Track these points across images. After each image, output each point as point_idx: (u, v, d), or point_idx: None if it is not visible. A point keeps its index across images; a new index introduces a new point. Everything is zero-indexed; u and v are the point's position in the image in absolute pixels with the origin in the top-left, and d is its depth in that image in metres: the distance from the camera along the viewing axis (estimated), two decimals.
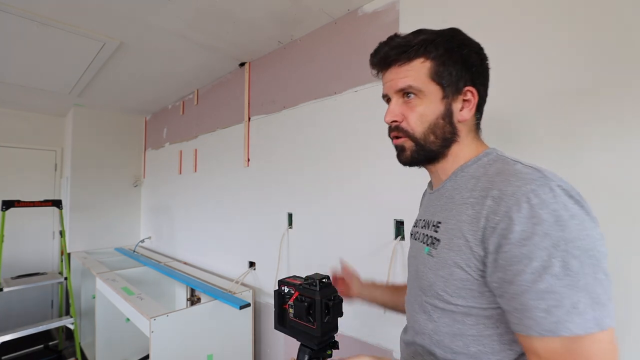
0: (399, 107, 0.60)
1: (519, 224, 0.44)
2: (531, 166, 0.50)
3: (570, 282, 0.41)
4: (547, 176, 0.46)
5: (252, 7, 1.42)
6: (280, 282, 0.75)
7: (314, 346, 0.66)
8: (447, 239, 0.55)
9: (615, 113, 0.79)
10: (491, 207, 0.48)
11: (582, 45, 0.84)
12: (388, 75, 0.61)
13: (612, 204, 0.78)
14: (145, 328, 1.43)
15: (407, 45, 0.58)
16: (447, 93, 0.57)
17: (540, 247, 0.42)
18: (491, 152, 0.59)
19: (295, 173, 1.67)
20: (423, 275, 0.59)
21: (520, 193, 0.45)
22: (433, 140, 0.58)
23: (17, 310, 2.95)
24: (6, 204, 2.26)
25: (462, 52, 0.57)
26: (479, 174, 0.55)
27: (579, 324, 0.40)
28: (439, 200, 0.62)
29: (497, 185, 0.49)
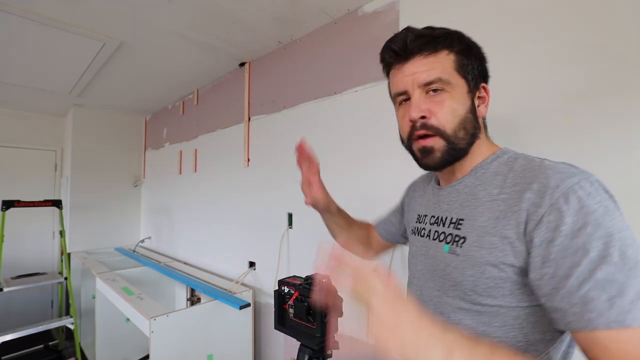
0: (427, 101, 0.55)
1: (570, 215, 0.42)
2: (562, 162, 0.49)
3: (629, 270, 0.39)
4: (585, 171, 0.46)
5: (252, 7, 1.42)
6: (280, 282, 0.75)
7: (314, 346, 0.66)
8: (476, 237, 0.52)
9: (621, 114, 0.79)
10: (532, 199, 0.46)
11: (586, 46, 0.84)
12: (409, 68, 0.56)
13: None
14: (145, 328, 1.43)
15: (431, 36, 0.54)
16: (472, 87, 0.56)
17: (595, 237, 0.40)
18: (508, 150, 0.57)
19: (296, 173, 1.67)
20: (445, 275, 0.56)
21: (565, 185, 0.44)
22: (463, 137, 0.55)
23: (17, 310, 2.95)
24: (6, 204, 2.26)
25: (474, 48, 0.57)
26: (504, 170, 0.53)
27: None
28: (456, 196, 0.59)
29: (537, 178, 0.47)
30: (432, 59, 0.54)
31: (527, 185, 0.47)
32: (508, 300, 0.49)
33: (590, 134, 0.82)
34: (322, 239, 1.56)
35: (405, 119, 0.58)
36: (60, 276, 2.53)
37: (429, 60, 0.54)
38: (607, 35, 0.81)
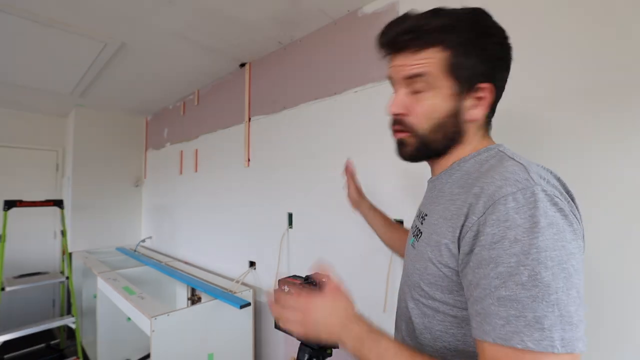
0: (405, 98, 0.54)
1: (491, 226, 0.42)
2: (521, 163, 0.46)
3: (537, 293, 0.38)
4: (533, 179, 0.43)
5: (253, 8, 1.43)
6: (280, 281, 0.75)
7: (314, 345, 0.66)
8: (427, 233, 0.55)
9: (624, 113, 0.79)
10: (471, 205, 0.46)
11: (592, 44, 0.84)
12: (397, 61, 0.54)
13: (619, 203, 0.78)
14: (146, 327, 1.43)
15: (421, 31, 0.50)
16: (461, 89, 0.51)
17: (508, 252, 0.40)
18: (493, 147, 0.54)
19: (296, 173, 1.68)
20: (406, 266, 0.62)
21: (499, 195, 0.42)
22: (437, 139, 0.54)
23: (19, 309, 2.96)
24: (8, 204, 2.27)
25: (484, 43, 0.51)
26: (473, 170, 0.52)
27: (536, 340, 0.37)
28: (431, 191, 0.61)
29: (480, 182, 0.46)
30: (419, 56, 0.51)
31: (472, 189, 0.47)
32: (447, 298, 0.51)
33: (592, 133, 0.82)
34: (323, 239, 1.57)
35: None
36: (62, 276, 2.55)
37: (415, 57, 0.52)
38: (611, 34, 0.81)
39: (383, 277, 1.25)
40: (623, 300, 0.76)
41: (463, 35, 0.50)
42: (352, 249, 1.40)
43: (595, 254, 0.79)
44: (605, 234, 0.79)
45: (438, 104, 0.52)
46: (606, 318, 0.78)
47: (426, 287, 0.53)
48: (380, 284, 1.26)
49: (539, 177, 0.44)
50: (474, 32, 0.50)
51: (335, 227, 1.47)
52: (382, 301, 1.24)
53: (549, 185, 0.43)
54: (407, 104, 0.54)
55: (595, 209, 0.80)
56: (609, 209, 0.78)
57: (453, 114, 0.53)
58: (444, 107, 0.52)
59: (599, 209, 0.80)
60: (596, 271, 0.79)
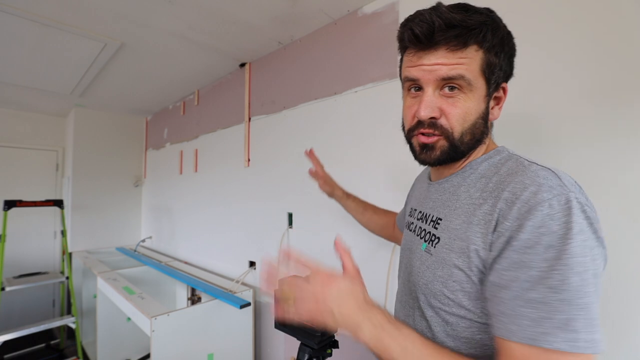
0: (436, 100, 0.50)
1: (527, 232, 0.42)
2: (549, 168, 0.45)
3: (567, 297, 0.39)
4: (566, 185, 0.43)
5: (253, 8, 1.43)
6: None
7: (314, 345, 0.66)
8: (448, 239, 0.52)
9: (630, 114, 0.79)
10: (502, 210, 0.45)
11: (597, 45, 0.85)
12: (430, 58, 0.49)
13: (621, 204, 0.79)
14: (146, 327, 1.44)
15: (464, 27, 0.47)
16: (491, 90, 0.51)
17: (542, 257, 0.40)
18: (502, 150, 0.54)
19: (296, 173, 1.68)
20: (420, 273, 0.57)
21: (535, 201, 0.42)
22: (468, 142, 0.52)
23: (19, 309, 2.96)
24: (8, 204, 2.27)
25: (510, 44, 0.51)
26: (490, 173, 0.51)
27: (565, 340, 0.38)
28: (441, 194, 0.58)
29: (511, 187, 0.45)
30: (460, 54, 0.48)
31: (502, 193, 0.46)
32: (474, 305, 0.49)
33: (600, 136, 0.83)
34: (323, 239, 1.57)
35: (411, 110, 0.54)
36: (62, 275, 2.55)
37: (455, 55, 0.48)
38: (616, 35, 0.81)
39: (383, 277, 1.25)
40: (622, 299, 0.76)
41: (497, 34, 0.49)
42: (352, 249, 1.39)
43: None
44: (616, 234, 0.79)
45: (473, 106, 0.50)
46: (605, 317, 0.78)
47: (451, 294, 0.51)
48: (380, 284, 1.26)
49: (570, 183, 0.44)
50: (502, 31, 0.50)
51: (335, 227, 1.47)
52: (383, 301, 1.24)
53: (579, 192, 0.43)
54: (439, 106, 0.50)
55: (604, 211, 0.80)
56: (609, 208, 0.78)
57: (483, 116, 0.52)
58: (478, 109, 0.51)
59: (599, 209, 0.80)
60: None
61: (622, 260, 0.76)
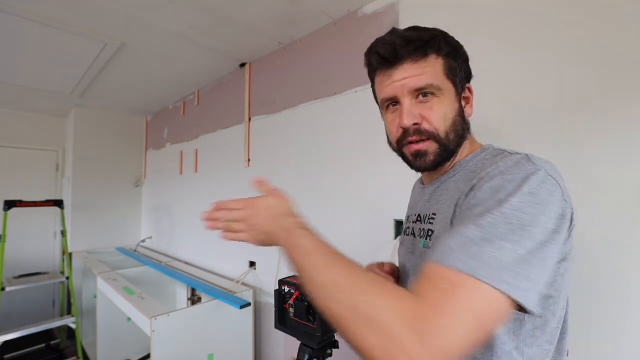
0: (413, 108, 0.55)
1: (489, 180, 0.46)
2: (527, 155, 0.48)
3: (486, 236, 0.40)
4: (535, 163, 0.46)
5: (253, 8, 1.43)
6: (281, 281, 0.75)
7: (314, 345, 0.66)
8: (440, 227, 0.54)
9: (618, 117, 0.79)
10: (474, 185, 0.48)
11: (584, 49, 0.84)
12: (399, 73, 0.55)
13: (614, 206, 0.78)
14: (146, 327, 1.43)
15: (420, 40, 0.53)
16: (459, 89, 0.57)
17: (492, 189, 0.44)
18: (488, 147, 0.58)
19: (296, 173, 1.68)
20: (417, 267, 0.58)
21: (502, 168, 0.46)
22: (453, 139, 0.56)
23: (19, 309, 2.96)
24: (8, 204, 2.27)
25: (463, 50, 0.58)
26: (476, 168, 0.54)
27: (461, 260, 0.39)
28: (435, 193, 0.60)
29: (486, 169, 0.49)
30: (422, 64, 0.54)
31: (477, 174, 0.50)
32: None
33: (589, 135, 0.82)
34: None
35: (394, 123, 0.58)
36: (62, 275, 2.55)
37: (419, 65, 0.54)
38: (610, 36, 0.81)
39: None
40: (623, 299, 0.76)
41: (449, 42, 0.56)
42: (353, 249, 1.39)
43: (595, 252, 0.79)
44: (607, 236, 0.79)
45: (449, 106, 0.55)
46: (606, 317, 0.78)
47: None
48: None
49: (543, 162, 0.47)
50: (453, 41, 0.57)
51: (335, 227, 1.47)
52: None
53: (552, 168, 0.46)
54: (419, 112, 0.55)
55: (597, 208, 0.80)
56: (610, 208, 0.78)
57: (460, 113, 0.57)
58: (453, 108, 0.56)
59: (600, 209, 0.80)
60: (596, 271, 0.79)
61: (622, 259, 0.76)
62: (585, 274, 0.80)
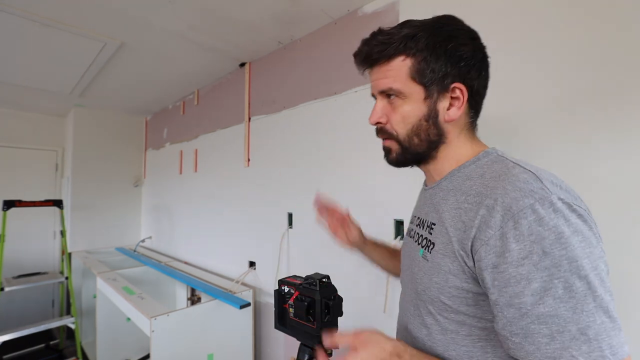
0: (383, 107, 0.57)
1: (516, 242, 0.41)
2: (531, 171, 0.45)
3: (575, 305, 0.38)
4: (547, 187, 0.42)
5: (253, 7, 1.43)
6: (281, 281, 0.75)
7: (314, 345, 0.66)
8: (441, 244, 0.52)
9: (620, 116, 0.79)
10: (484, 217, 0.45)
11: (590, 47, 0.84)
12: (372, 75, 0.58)
13: (615, 205, 0.78)
14: (146, 327, 1.43)
15: (386, 43, 0.53)
16: (431, 92, 0.53)
17: (539, 267, 0.39)
18: (491, 152, 0.55)
19: (296, 173, 1.68)
20: (418, 279, 0.57)
21: (517, 208, 0.42)
22: (417, 143, 0.56)
23: (18, 309, 2.96)
24: (7, 204, 2.27)
25: (447, 46, 0.52)
26: (476, 175, 0.51)
27: (585, 352, 0.37)
28: (433, 199, 0.59)
29: (493, 193, 0.45)
30: (386, 68, 0.55)
31: (485, 199, 0.46)
32: (473, 311, 0.49)
33: (591, 135, 0.82)
34: (323, 239, 1.56)
35: None
36: (61, 276, 2.54)
37: (384, 69, 0.55)
38: (612, 36, 0.81)
39: (383, 278, 1.25)
40: (623, 299, 0.76)
41: (423, 42, 0.52)
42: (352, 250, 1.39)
43: None
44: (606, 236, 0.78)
45: (411, 109, 0.54)
46: None
47: (448, 300, 0.51)
48: (381, 285, 1.26)
49: (552, 184, 0.43)
50: (437, 37, 0.53)
51: None
52: (383, 302, 1.24)
53: (563, 191, 0.43)
54: (384, 112, 0.57)
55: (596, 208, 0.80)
56: (612, 211, 0.78)
57: (428, 117, 0.54)
58: (418, 112, 0.54)
59: (600, 209, 0.79)
60: None
61: (622, 259, 0.76)
62: None
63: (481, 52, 0.55)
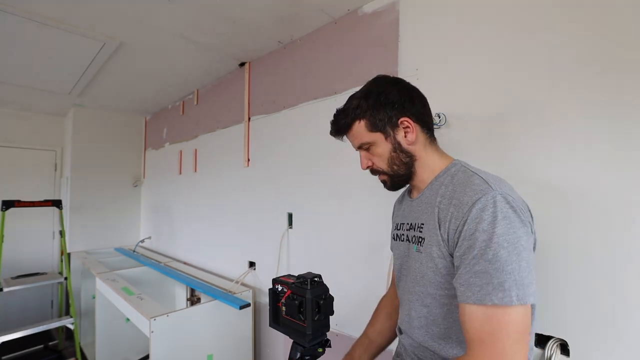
0: (365, 156, 0.78)
1: (469, 224, 0.60)
2: (483, 178, 0.63)
3: (498, 266, 0.55)
4: (493, 187, 0.61)
5: (252, 7, 1.42)
6: (275, 280, 0.76)
7: (305, 344, 0.67)
8: (429, 237, 0.69)
9: (613, 116, 0.79)
10: (453, 213, 0.64)
11: (588, 48, 0.84)
12: (348, 139, 0.80)
13: (611, 207, 0.78)
14: (145, 328, 1.43)
15: (344, 118, 0.76)
16: (387, 133, 0.73)
17: (479, 240, 0.58)
18: (457, 163, 0.73)
19: (295, 173, 1.67)
20: (416, 269, 0.72)
21: (471, 202, 0.61)
22: (397, 169, 0.75)
23: (17, 310, 2.95)
24: (6, 204, 2.26)
25: (380, 100, 0.72)
26: (447, 182, 0.70)
27: (500, 297, 0.54)
28: (420, 205, 0.75)
29: (457, 195, 0.65)
30: (352, 133, 0.77)
31: (452, 200, 0.65)
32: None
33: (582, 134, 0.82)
34: (323, 239, 1.56)
35: None
36: (60, 276, 2.54)
37: (351, 135, 0.78)
38: (611, 37, 0.81)
39: (384, 274, 1.25)
40: (622, 299, 0.76)
41: (366, 104, 0.74)
42: (353, 248, 1.39)
43: (596, 254, 0.79)
44: (603, 237, 0.78)
45: (381, 150, 0.75)
46: (606, 316, 0.78)
47: (441, 278, 0.67)
48: (381, 280, 1.26)
49: (496, 185, 0.62)
50: (371, 97, 0.74)
51: (335, 227, 1.47)
52: None
53: (505, 189, 0.62)
54: (368, 158, 0.78)
55: (596, 209, 0.79)
56: (608, 213, 0.78)
57: (395, 149, 0.74)
58: (386, 148, 0.75)
59: (601, 213, 0.79)
60: (600, 271, 0.79)
61: (621, 259, 0.76)
62: (582, 274, 0.80)
63: (406, 89, 0.75)
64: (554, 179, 0.87)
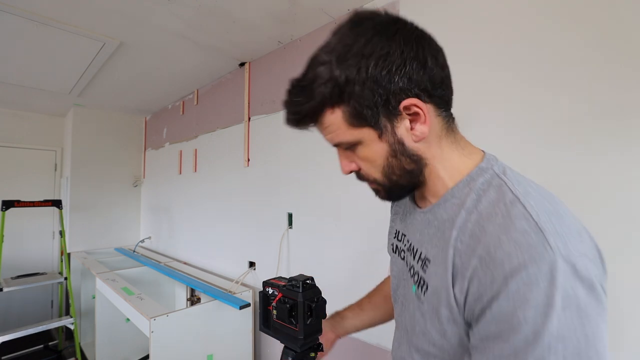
0: (346, 157, 0.51)
1: (502, 300, 0.36)
2: (532, 216, 0.37)
3: None
4: (551, 245, 0.35)
5: (252, 6, 1.42)
6: (265, 283, 0.74)
7: (297, 348, 0.65)
8: (434, 287, 0.46)
9: (619, 118, 0.79)
10: (477, 271, 0.39)
11: (590, 45, 0.84)
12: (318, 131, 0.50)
13: (617, 207, 0.78)
14: (145, 328, 1.43)
15: (306, 100, 0.45)
16: (382, 127, 0.45)
17: (518, 332, 0.34)
18: (487, 168, 0.45)
19: (296, 173, 1.67)
20: (416, 319, 0.51)
21: (510, 268, 0.36)
22: (397, 178, 0.48)
23: (17, 310, 2.95)
24: (6, 204, 2.26)
25: (367, 72, 0.41)
26: (470, 205, 0.43)
27: None
28: (428, 227, 0.50)
29: (486, 241, 0.39)
30: (321, 128, 0.48)
31: (478, 248, 0.40)
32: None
33: (593, 137, 0.82)
34: (323, 239, 1.55)
35: None
36: (60, 276, 2.53)
37: (322, 128, 0.48)
38: (612, 36, 0.80)
39: (385, 274, 1.24)
40: (623, 299, 0.76)
41: (344, 78, 0.42)
42: (353, 248, 1.39)
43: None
44: (605, 239, 0.78)
45: (371, 152, 0.47)
46: None
47: (452, 349, 0.46)
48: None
49: (556, 235, 0.36)
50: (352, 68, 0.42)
51: (335, 227, 1.47)
52: None
53: (571, 244, 0.36)
54: (351, 159, 0.51)
55: (598, 210, 0.79)
56: (613, 213, 0.78)
57: (394, 152, 0.46)
58: (380, 151, 0.46)
59: (602, 214, 0.79)
60: None
61: (622, 259, 0.76)
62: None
63: (411, 41, 0.43)
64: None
